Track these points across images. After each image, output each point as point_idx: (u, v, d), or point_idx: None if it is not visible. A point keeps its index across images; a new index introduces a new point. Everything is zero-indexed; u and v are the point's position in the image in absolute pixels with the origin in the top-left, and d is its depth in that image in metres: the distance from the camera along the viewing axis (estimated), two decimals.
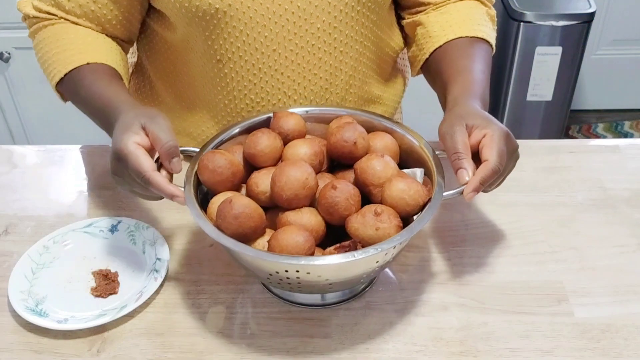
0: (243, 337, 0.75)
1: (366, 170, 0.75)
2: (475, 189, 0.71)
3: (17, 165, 1.05)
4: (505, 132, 0.75)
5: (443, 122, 0.77)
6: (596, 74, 2.62)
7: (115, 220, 0.90)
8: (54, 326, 0.75)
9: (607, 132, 2.65)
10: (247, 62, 0.90)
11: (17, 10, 0.94)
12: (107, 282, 0.81)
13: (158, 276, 0.80)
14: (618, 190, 0.95)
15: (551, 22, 2.08)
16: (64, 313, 0.78)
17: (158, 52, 0.98)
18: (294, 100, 0.94)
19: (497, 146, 0.73)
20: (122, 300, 0.79)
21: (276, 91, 0.92)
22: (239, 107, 0.94)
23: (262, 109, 0.94)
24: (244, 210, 0.69)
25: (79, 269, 0.84)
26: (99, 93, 0.84)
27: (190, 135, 1.02)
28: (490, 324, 0.76)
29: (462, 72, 0.86)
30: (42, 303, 0.79)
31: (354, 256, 0.66)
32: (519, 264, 0.84)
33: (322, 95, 0.95)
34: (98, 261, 0.85)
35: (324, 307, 0.79)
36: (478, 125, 0.75)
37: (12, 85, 2.07)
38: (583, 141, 1.11)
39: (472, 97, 0.81)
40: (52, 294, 0.81)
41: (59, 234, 0.87)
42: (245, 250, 0.68)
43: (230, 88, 0.92)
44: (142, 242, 0.86)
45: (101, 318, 0.76)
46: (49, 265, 0.84)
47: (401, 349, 0.74)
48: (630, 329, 0.75)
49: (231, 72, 0.91)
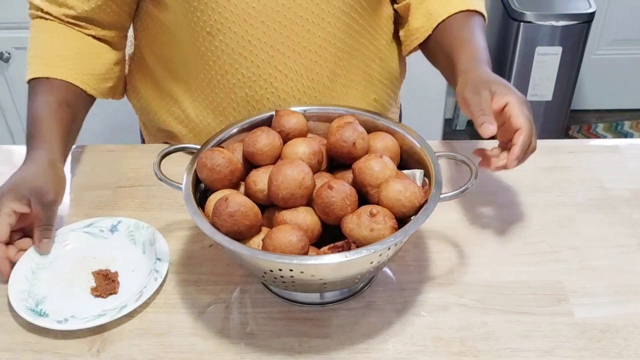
0: (243, 337, 0.76)
1: (364, 170, 0.75)
2: (517, 156, 0.75)
3: (17, 165, 1.05)
4: (524, 99, 0.79)
5: (464, 86, 0.81)
6: (596, 74, 2.62)
7: (115, 220, 0.89)
8: (54, 326, 0.75)
9: (607, 132, 2.65)
10: (236, 35, 0.91)
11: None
12: (107, 282, 0.81)
13: (158, 276, 0.80)
14: (618, 190, 0.95)
15: (551, 22, 2.08)
16: (64, 313, 0.77)
17: (154, 36, 1.00)
18: (285, 75, 0.95)
19: (523, 113, 0.76)
20: (122, 300, 0.79)
21: (267, 65, 0.94)
22: (230, 83, 0.95)
23: (253, 85, 0.95)
24: (240, 209, 0.70)
25: (79, 269, 0.84)
26: (34, 118, 0.91)
27: (187, 119, 1.03)
28: (490, 324, 0.76)
29: (466, 42, 0.91)
30: (42, 303, 0.79)
31: (347, 257, 0.66)
32: (519, 264, 0.84)
33: (312, 69, 0.96)
34: (98, 261, 0.85)
35: (323, 307, 0.79)
36: (500, 92, 0.78)
37: (12, 85, 2.07)
38: (583, 141, 1.11)
39: (483, 63, 0.86)
40: (52, 294, 0.80)
41: (59, 234, 0.87)
42: (239, 249, 0.68)
43: (222, 62, 0.93)
44: (142, 242, 0.86)
45: (101, 318, 0.76)
46: (48, 266, 0.84)
47: (401, 349, 0.74)
48: (630, 329, 0.75)
49: (222, 45, 0.92)
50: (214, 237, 0.69)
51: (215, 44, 0.92)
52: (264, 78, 0.94)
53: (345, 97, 1.01)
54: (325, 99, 0.99)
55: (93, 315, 0.77)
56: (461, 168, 0.98)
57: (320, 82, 0.97)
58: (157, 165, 0.79)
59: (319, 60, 0.95)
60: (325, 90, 0.98)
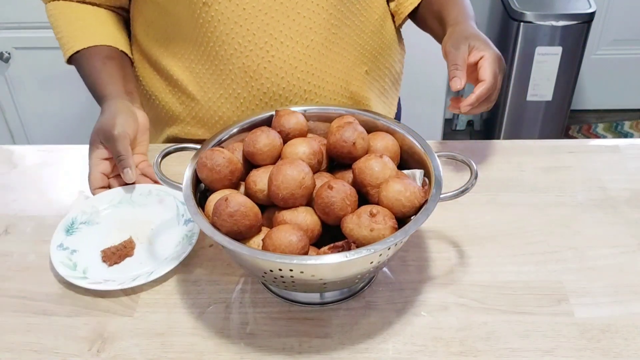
0: (243, 336, 0.76)
1: (364, 170, 0.75)
2: (471, 103, 0.85)
3: (17, 165, 1.05)
4: (498, 55, 0.89)
5: (449, 38, 0.92)
6: (596, 74, 2.62)
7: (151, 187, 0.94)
8: (93, 286, 0.79)
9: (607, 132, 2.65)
10: (231, 2, 0.93)
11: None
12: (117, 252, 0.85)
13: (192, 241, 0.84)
14: (618, 190, 0.95)
15: (551, 22, 2.08)
16: (103, 275, 0.82)
17: (150, 20, 1.03)
18: (281, 43, 0.96)
19: (491, 68, 0.86)
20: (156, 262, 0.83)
21: (262, 33, 0.95)
22: (228, 54, 0.97)
23: (250, 54, 0.96)
24: (240, 209, 0.70)
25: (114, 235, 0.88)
26: (93, 79, 1.01)
27: (188, 99, 1.04)
28: (490, 324, 0.76)
29: (453, 1, 1.01)
30: (81, 267, 0.83)
31: (347, 257, 0.66)
32: (519, 264, 0.84)
33: (307, 36, 0.98)
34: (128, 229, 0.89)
35: (323, 307, 0.79)
36: (478, 47, 0.89)
37: (12, 85, 2.07)
38: (583, 141, 1.11)
39: (470, 18, 0.97)
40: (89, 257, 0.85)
41: None
42: (239, 249, 0.68)
43: (219, 32, 0.95)
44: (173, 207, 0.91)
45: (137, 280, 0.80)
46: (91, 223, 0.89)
47: (401, 349, 0.74)
48: (630, 329, 0.75)
49: (217, 15, 0.94)
50: (214, 237, 0.69)
51: (211, 14, 0.94)
52: (260, 46, 0.96)
53: (337, 66, 1.02)
54: (320, 67, 1.00)
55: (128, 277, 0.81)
56: (461, 168, 0.98)
57: (315, 49, 0.99)
58: (157, 165, 0.79)
59: (313, 26, 0.97)
60: (320, 57, 1.00)
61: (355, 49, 1.04)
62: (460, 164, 0.86)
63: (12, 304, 0.80)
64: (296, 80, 0.99)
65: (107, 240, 0.86)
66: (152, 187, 0.93)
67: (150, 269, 0.82)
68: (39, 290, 0.82)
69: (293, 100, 1.00)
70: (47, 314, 0.79)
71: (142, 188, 0.93)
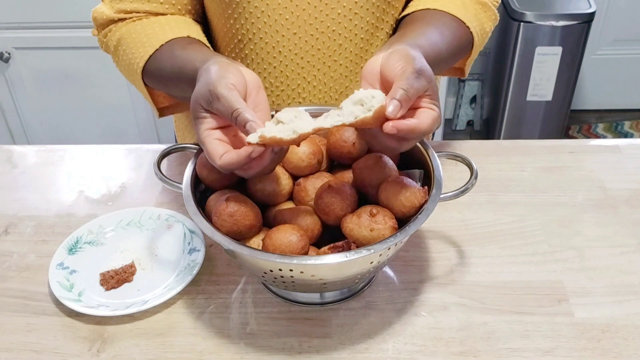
0: (243, 337, 0.76)
1: (364, 170, 0.75)
2: None
3: (17, 165, 1.05)
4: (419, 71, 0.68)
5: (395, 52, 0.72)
6: (596, 74, 2.62)
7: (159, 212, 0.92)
8: (89, 312, 0.77)
9: (607, 132, 2.65)
10: (267, 45, 0.90)
11: (92, 21, 0.93)
12: (116, 277, 0.83)
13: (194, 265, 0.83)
14: (618, 190, 0.95)
15: (551, 22, 2.08)
16: (98, 300, 0.80)
17: None
18: (314, 87, 0.94)
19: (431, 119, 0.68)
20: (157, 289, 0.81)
21: (296, 76, 0.93)
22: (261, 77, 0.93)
23: (281, 94, 0.94)
24: (240, 209, 0.70)
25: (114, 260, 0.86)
26: (178, 66, 0.82)
27: None
28: (490, 324, 0.76)
29: (419, 30, 0.84)
30: (77, 289, 0.81)
31: (347, 257, 0.66)
32: (519, 264, 0.84)
33: (342, 83, 0.95)
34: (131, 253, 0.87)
35: (323, 307, 0.79)
36: None
37: (12, 85, 2.07)
38: (583, 141, 1.11)
39: (413, 46, 0.75)
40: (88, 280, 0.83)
41: None
42: (239, 249, 0.68)
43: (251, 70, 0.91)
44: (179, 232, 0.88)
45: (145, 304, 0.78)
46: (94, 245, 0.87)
47: (401, 348, 0.74)
48: (630, 329, 0.75)
49: (251, 54, 0.92)
50: (214, 237, 0.69)
51: (245, 52, 0.92)
52: (292, 88, 0.94)
53: (355, 81, 0.98)
54: (341, 89, 0.97)
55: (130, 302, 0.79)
56: (461, 168, 0.98)
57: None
58: (157, 165, 0.79)
59: (349, 75, 0.95)
60: (344, 81, 0.96)
61: None
62: (460, 164, 0.85)
63: (12, 304, 0.80)
64: (317, 100, 0.96)
65: (109, 263, 0.85)
66: (162, 211, 0.91)
67: (146, 297, 0.80)
68: (39, 290, 0.82)
69: None
70: (47, 314, 0.79)
71: (152, 211, 0.91)
